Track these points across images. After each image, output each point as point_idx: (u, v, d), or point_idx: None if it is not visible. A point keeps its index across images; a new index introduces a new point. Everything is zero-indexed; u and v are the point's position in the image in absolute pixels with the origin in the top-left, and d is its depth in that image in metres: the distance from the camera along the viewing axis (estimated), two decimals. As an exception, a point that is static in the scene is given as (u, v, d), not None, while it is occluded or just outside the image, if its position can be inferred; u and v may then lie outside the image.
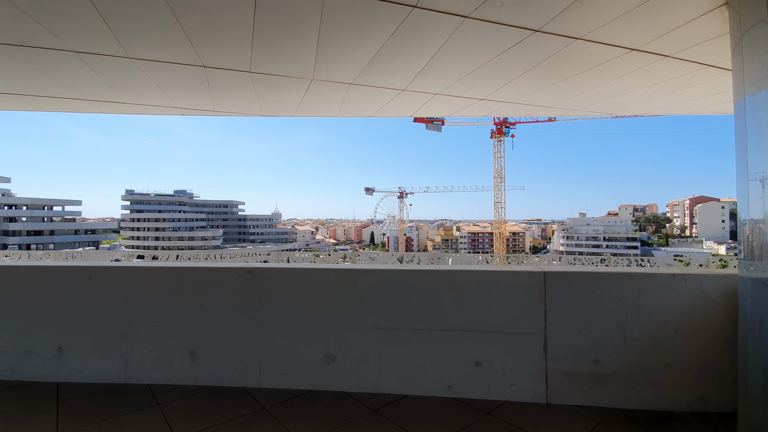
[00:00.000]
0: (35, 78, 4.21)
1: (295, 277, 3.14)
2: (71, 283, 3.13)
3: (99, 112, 5.92)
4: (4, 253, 14.79)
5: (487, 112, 6.32)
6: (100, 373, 3.07)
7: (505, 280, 3.03)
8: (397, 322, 3.05)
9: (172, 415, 2.63)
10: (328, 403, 2.87)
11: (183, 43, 3.33)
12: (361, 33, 3.28)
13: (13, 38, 3.24)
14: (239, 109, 5.78)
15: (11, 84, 4.46)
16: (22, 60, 3.72)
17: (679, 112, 6.01)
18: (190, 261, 3.08)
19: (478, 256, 15.57)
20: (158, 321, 3.10)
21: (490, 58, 3.77)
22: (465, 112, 6.18)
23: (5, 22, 2.98)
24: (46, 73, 4.04)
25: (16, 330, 3.11)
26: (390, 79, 4.40)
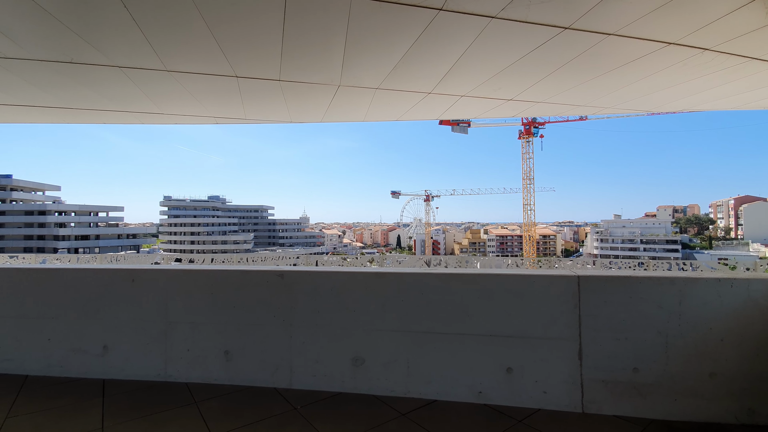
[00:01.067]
0: (82, 92, 4.51)
1: (323, 280, 3.19)
2: (116, 285, 3.32)
3: (139, 122, 6.25)
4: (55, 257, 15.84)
5: (515, 113, 6.20)
6: (142, 371, 3.23)
7: (537, 284, 2.96)
8: (425, 326, 3.04)
9: (208, 414, 2.73)
10: (358, 405, 2.89)
11: (216, 55, 3.48)
12: (387, 38, 3.31)
13: (63, 56, 3.48)
14: (269, 117, 5.95)
15: (60, 98, 4.79)
16: (71, 75, 3.99)
17: (722, 108, 5.67)
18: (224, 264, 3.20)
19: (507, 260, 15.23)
20: (195, 322, 3.23)
21: (517, 58, 3.71)
22: (492, 113, 6.09)
23: (56, 41, 3.21)
24: (92, 87, 4.31)
25: (66, 329, 3.32)
26: (416, 82, 4.40)
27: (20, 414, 2.71)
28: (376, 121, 6.69)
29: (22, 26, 2.96)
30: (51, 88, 4.30)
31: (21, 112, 5.32)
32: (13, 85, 4.21)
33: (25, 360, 3.31)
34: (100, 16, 2.80)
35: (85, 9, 2.71)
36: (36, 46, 3.28)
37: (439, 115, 6.30)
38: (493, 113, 6.08)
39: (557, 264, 17.16)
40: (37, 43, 3.23)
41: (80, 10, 2.74)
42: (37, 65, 3.63)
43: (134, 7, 2.66)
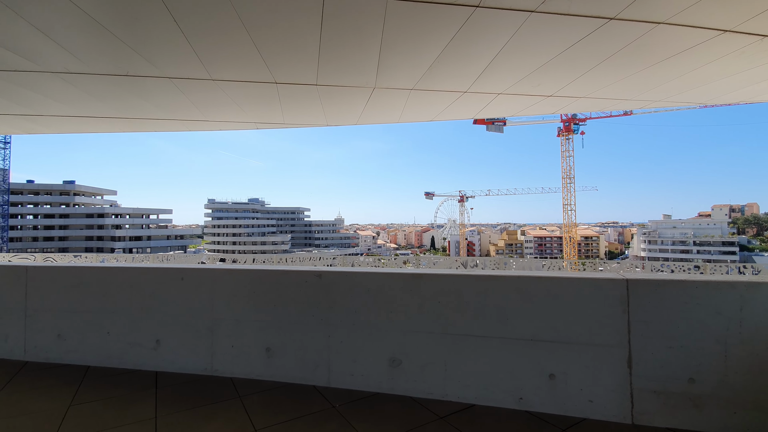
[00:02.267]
0: (135, 102, 4.84)
1: (360, 281, 3.22)
2: (167, 283, 3.52)
3: (186, 129, 6.61)
4: (113, 257, 17.07)
5: (554, 110, 5.98)
6: (190, 365, 3.41)
7: (581, 287, 2.83)
8: (463, 328, 2.99)
9: (251, 408, 2.83)
10: (395, 406, 2.89)
11: (257, 63, 3.61)
12: (422, 38, 3.29)
13: (120, 69, 3.75)
14: (306, 121, 6.10)
15: (117, 108, 5.16)
16: (127, 87, 4.29)
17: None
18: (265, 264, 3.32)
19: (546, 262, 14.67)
20: (238, 319, 3.36)
21: (558, 53, 3.57)
22: (530, 110, 5.90)
23: (113, 55, 3.46)
24: (144, 97, 4.61)
25: (123, 324, 3.56)
26: (451, 81, 4.35)
27: (83, 402, 2.94)
28: (410, 122, 6.69)
29: (85, 42, 3.22)
30: (108, 99, 4.64)
31: (83, 123, 5.79)
32: (75, 98, 4.59)
33: (87, 352, 3.59)
34: (153, 31, 2.99)
35: (140, 24, 2.90)
36: (96, 61, 3.55)
37: (475, 114, 6.20)
38: (531, 110, 5.90)
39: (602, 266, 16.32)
40: (97, 58, 3.50)
41: (135, 26, 2.93)
42: (97, 78, 3.93)
43: (183, 20, 2.82)
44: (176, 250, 75.62)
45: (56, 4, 2.60)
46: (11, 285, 3.73)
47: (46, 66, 3.60)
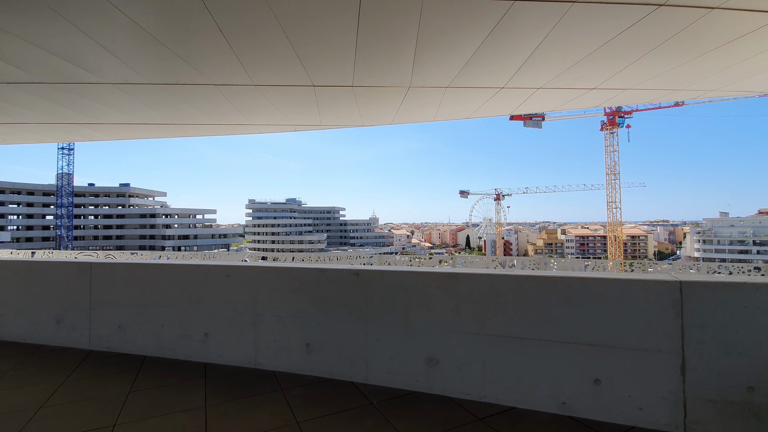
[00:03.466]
0: (184, 109, 5.13)
1: (397, 279, 3.24)
2: (214, 279, 3.72)
3: (229, 133, 6.93)
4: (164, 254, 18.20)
5: (598, 103, 5.71)
6: (236, 358, 3.58)
7: (629, 289, 2.69)
8: (501, 329, 2.93)
9: (293, 402, 2.93)
10: (433, 405, 2.88)
11: (296, 66, 3.73)
12: (458, 35, 3.26)
13: (171, 78, 4.00)
14: (342, 122, 6.20)
15: (167, 115, 5.50)
16: (176, 95, 4.57)
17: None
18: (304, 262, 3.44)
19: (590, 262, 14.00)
20: (280, 315, 3.49)
21: (602, 43, 3.41)
22: (571, 104, 5.68)
23: (166, 66, 3.70)
24: (193, 104, 4.88)
25: (175, 317, 3.80)
26: (488, 78, 4.28)
27: (141, 389, 3.17)
28: (444, 120, 6.63)
29: (140, 55, 3.46)
30: (161, 107, 4.96)
31: (137, 129, 6.21)
32: (131, 107, 4.94)
33: (143, 343, 3.86)
34: (201, 41, 3.16)
35: (189, 36, 3.08)
36: (150, 72, 3.81)
37: (512, 110, 6.04)
38: (572, 104, 5.67)
39: (651, 267, 15.37)
40: (150, 69, 3.75)
41: (185, 38, 3.12)
42: (151, 88, 4.21)
43: (228, 30, 2.96)
44: (220, 248, 79.45)
45: (115, 20, 2.81)
46: (78, 280, 4.08)
47: (106, 78, 3.91)
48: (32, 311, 4.20)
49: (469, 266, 14.06)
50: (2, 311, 4.30)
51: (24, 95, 4.40)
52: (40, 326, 4.17)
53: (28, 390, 3.13)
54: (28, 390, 3.13)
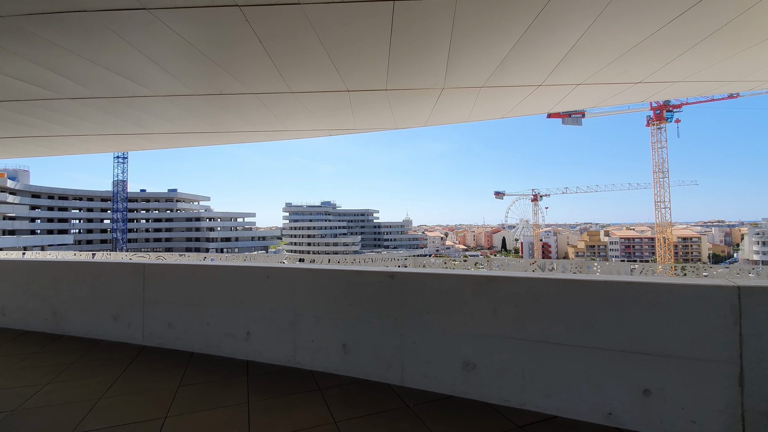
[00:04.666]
0: (227, 118, 5.38)
1: (432, 282, 3.22)
2: (255, 280, 3.87)
3: (268, 140, 7.19)
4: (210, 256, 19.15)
5: (643, 98, 5.40)
6: (276, 356, 3.70)
7: (681, 295, 2.52)
8: (541, 334, 2.84)
9: (330, 401, 2.99)
10: (471, 411, 2.84)
11: (331, 73, 3.81)
12: (493, 34, 3.21)
13: (215, 89, 4.21)
14: (376, 125, 6.26)
15: (211, 124, 5.79)
16: (219, 105, 4.80)
17: None
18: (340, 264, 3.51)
19: (637, 266, 13.22)
20: (317, 316, 3.57)
21: (648, 34, 3.24)
22: (614, 100, 5.41)
23: (210, 78, 3.90)
24: (235, 112, 5.12)
25: (219, 316, 3.98)
26: (524, 75, 4.17)
27: (189, 384, 3.35)
28: (479, 121, 6.52)
29: (187, 68, 3.67)
30: (205, 116, 5.23)
31: (185, 138, 6.59)
32: (179, 117, 5.24)
33: (191, 340, 4.08)
34: (242, 53, 3.31)
35: (231, 48, 3.24)
36: (196, 83, 4.03)
37: (551, 108, 5.85)
38: (615, 100, 5.40)
39: (706, 271, 14.29)
40: (196, 81, 3.97)
41: (227, 50, 3.28)
42: (197, 99, 4.46)
43: (267, 41, 3.08)
44: (259, 251, 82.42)
45: (166, 37, 3.01)
46: (133, 280, 4.39)
47: (157, 91, 4.19)
48: (94, 308, 4.56)
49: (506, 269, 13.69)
50: (69, 308, 4.70)
51: (86, 109, 4.80)
52: (100, 322, 4.51)
53: (90, 381, 3.40)
54: (89, 381, 3.40)
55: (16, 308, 4.99)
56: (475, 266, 13.77)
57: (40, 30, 2.90)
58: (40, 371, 3.61)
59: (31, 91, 4.15)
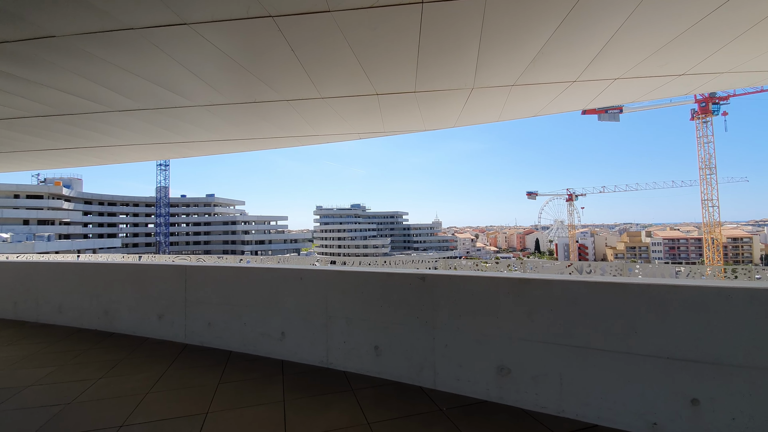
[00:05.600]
0: (260, 124, 5.56)
1: (463, 284, 3.18)
2: (289, 282, 3.97)
3: (299, 144, 7.36)
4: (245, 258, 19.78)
5: (687, 90, 5.09)
6: (309, 356, 3.78)
7: (732, 299, 2.36)
8: (580, 339, 2.74)
9: (363, 402, 3.02)
10: (505, 417, 2.77)
11: (360, 77, 3.86)
12: (524, 31, 3.14)
13: (250, 97, 4.37)
14: (405, 127, 6.27)
15: (246, 131, 6.00)
16: (254, 112, 4.97)
17: None
18: (371, 267, 3.52)
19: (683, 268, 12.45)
20: (349, 317, 3.61)
21: (692, 24, 3.06)
22: (655, 94, 5.14)
23: (245, 86, 4.05)
24: (268, 119, 5.28)
25: (256, 316, 4.12)
26: (558, 72, 4.04)
27: (228, 381, 3.48)
28: (510, 120, 6.38)
29: (224, 78, 3.83)
30: (241, 123, 5.43)
31: (222, 145, 6.87)
32: (216, 125, 5.47)
33: (230, 339, 4.24)
34: (274, 61, 3.42)
35: (264, 57, 3.35)
36: (232, 92, 4.20)
37: (586, 105, 5.64)
38: (655, 94, 5.13)
39: (759, 274, 13.25)
40: (232, 90, 4.14)
41: (261, 59, 3.40)
42: (233, 107, 4.64)
43: (298, 48, 3.17)
44: (291, 253, 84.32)
45: (204, 50, 3.16)
46: (176, 281, 4.61)
47: (196, 101, 4.40)
48: (140, 308, 4.84)
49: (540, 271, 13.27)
50: (118, 308, 5.01)
51: (132, 120, 5.11)
52: (146, 321, 4.78)
53: (138, 377, 3.60)
54: (138, 377, 3.60)
55: (71, 307, 5.38)
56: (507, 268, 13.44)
57: (91, 48, 3.12)
58: (92, 366, 3.86)
59: (83, 104, 4.47)
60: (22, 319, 5.71)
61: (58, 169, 62.51)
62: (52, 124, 5.21)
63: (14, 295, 5.83)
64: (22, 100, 4.27)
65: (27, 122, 5.09)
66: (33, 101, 4.31)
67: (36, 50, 3.14)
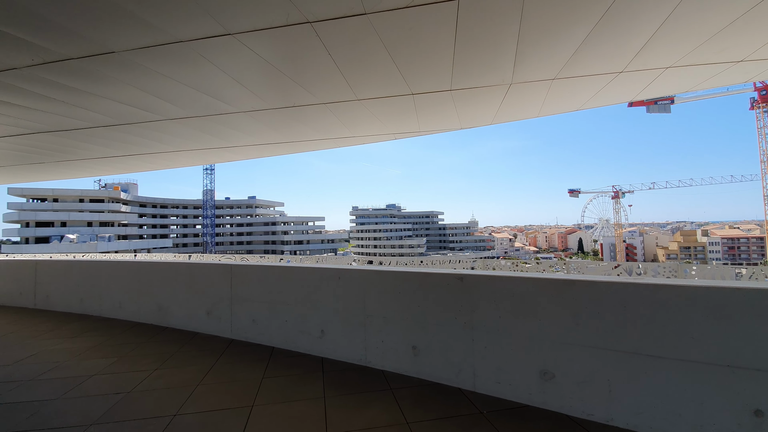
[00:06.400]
0: (299, 128, 5.72)
1: (503, 285, 3.11)
2: (327, 281, 4.06)
3: (336, 146, 7.50)
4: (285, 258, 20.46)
5: (746, 78, 4.67)
6: (348, 354, 3.84)
7: (810, 304, 2.14)
8: (630, 345, 2.59)
9: (402, 402, 3.02)
10: (550, 423, 2.68)
11: (395, 78, 3.87)
12: (565, 22, 3.01)
13: (288, 101, 4.51)
14: (440, 126, 6.22)
15: (285, 134, 6.19)
16: (292, 116, 5.12)
17: None
18: (407, 267, 3.53)
19: (743, 270, 11.44)
20: (386, 317, 3.64)
21: (754, 4, 2.81)
22: (710, 83, 4.76)
23: (284, 91, 4.18)
24: (306, 122, 5.42)
25: (296, 314, 4.24)
26: (602, 63, 3.85)
27: (272, 376, 3.61)
28: (550, 115, 6.16)
29: (264, 84, 3.98)
30: (280, 127, 5.61)
31: (263, 149, 7.14)
32: (258, 130, 5.69)
33: (272, 335, 4.40)
34: (312, 65, 3.51)
35: (302, 62, 3.45)
36: (272, 98, 4.35)
37: (634, 96, 5.32)
38: (711, 82, 4.76)
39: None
40: (272, 95, 4.29)
41: (299, 64, 3.50)
42: (273, 112, 4.81)
43: (335, 52, 3.23)
44: (328, 253, 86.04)
45: (246, 57, 3.30)
46: (222, 279, 4.85)
47: (239, 107, 4.60)
48: (191, 304, 5.13)
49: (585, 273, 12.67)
50: (171, 304, 5.34)
51: (181, 128, 5.43)
52: (196, 317, 5.06)
53: (189, 369, 3.82)
54: (189, 369, 3.82)
55: (130, 303, 5.80)
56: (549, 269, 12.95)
57: (145, 61, 3.35)
58: (149, 358, 4.15)
59: (138, 114, 4.81)
60: (87, 313, 6.23)
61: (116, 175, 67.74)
62: (110, 133, 5.64)
63: (81, 292, 6.38)
64: (85, 112, 4.66)
65: (89, 132, 5.55)
66: (95, 112, 4.69)
67: (97, 66, 3.42)
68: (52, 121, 5.01)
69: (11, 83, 3.74)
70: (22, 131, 5.46)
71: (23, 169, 8.43)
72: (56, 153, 6.88)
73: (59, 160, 7.56)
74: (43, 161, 7.56)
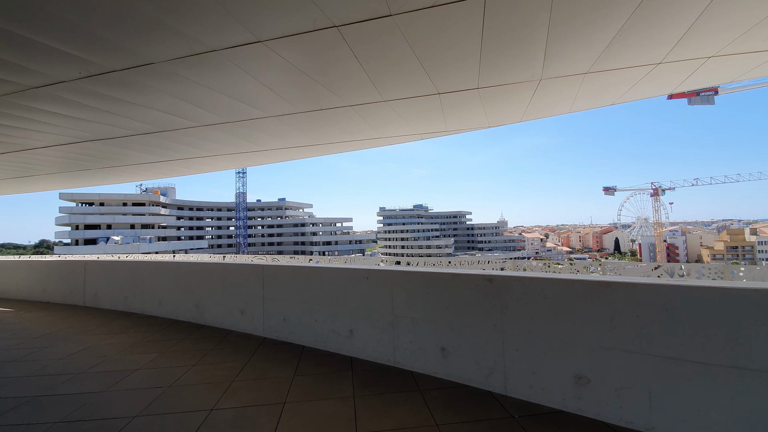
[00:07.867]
0: (326, 130, 5.81)
1: (535, 287, 3.03)
2: (355, 281, 4.10)
3: (363, 148, 7.56)
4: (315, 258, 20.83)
5: (800, 64, 4.32)
6: (377, 354, 3.86)
7: None
8: (673, 351, 2.46)
9: (431, 403, 3.01)
10: (585, 430, 2.59)
11: (422, 78, 3.86)
12: (598, 12, 2.90)
13: (316, 105, 4.59)
14: (467, 125, 6.14)
15: (313, 137, 6.30)
16: (320, 118, 5.21)
17: None
18: (436, 267, 3.52)
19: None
20: (414, 318, 3.63)
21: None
22: (757, 72, 4.44)
23: (311, 95, 4.26)
24: (333, 125, 5.50)
25: (326, 314, 4.31)
26: (638, 55, 3.68)
27: (302, 374, 3.69)
28: (583, 111, 5.94)
29: (293, 89, 4.07)
30: (308, 130, 5.72)
31: (292, 152, 7.30)
32: (287, 133, 5.83)
33: (303, 334, 4.49)
34: (339, 68, 3.56)
35: (329, 65, 3.50)
36: (300, 102, 4.45)
37: (673, 89, 5.05)
38: (758, 71, 4.44)
39: None
40: (301, 100, 4.38)
41: (326, 67, 3.56)
42: (301, 115, 4.91)
43: (361, 54, 3.27)
44: (356, 253, 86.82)
45: (275, 63, 3.39)
46: (255, 279, 5.01)
47: (269, 112, 4.73)
48: (226, 303, 5.33)
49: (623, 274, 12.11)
50: (207, 302, 5.56)
51: (216, 133, 5.65)
52: (230, 315, 5.25)
53: (225, 366, 3.96)
54: (224, 365, 3.97)
55: (169, 301, 6.09)
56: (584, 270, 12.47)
57: (182, 70, 3.51)
58: (188, 354, 4.34)
59: (175, 121, 5.04)
60: (130, 311, 6.60)
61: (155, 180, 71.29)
62: (150, 140, 5.95)
63: (125, 290, 6.76)
64: (127, 121, 4.94)
65: (130, 139, 5.87)
66: (136, 121, 4.96)
67: (139, 76, 3.61)
68: (97, 130, 5.34)
69: (60, 95, 4.01)
70: (71, 140, 5.85)
71: (72, 176, 9.03)
72: (101, 160, 7.33)
73: (104, 167, 8.05)
74: (90, 168, 8.08)
